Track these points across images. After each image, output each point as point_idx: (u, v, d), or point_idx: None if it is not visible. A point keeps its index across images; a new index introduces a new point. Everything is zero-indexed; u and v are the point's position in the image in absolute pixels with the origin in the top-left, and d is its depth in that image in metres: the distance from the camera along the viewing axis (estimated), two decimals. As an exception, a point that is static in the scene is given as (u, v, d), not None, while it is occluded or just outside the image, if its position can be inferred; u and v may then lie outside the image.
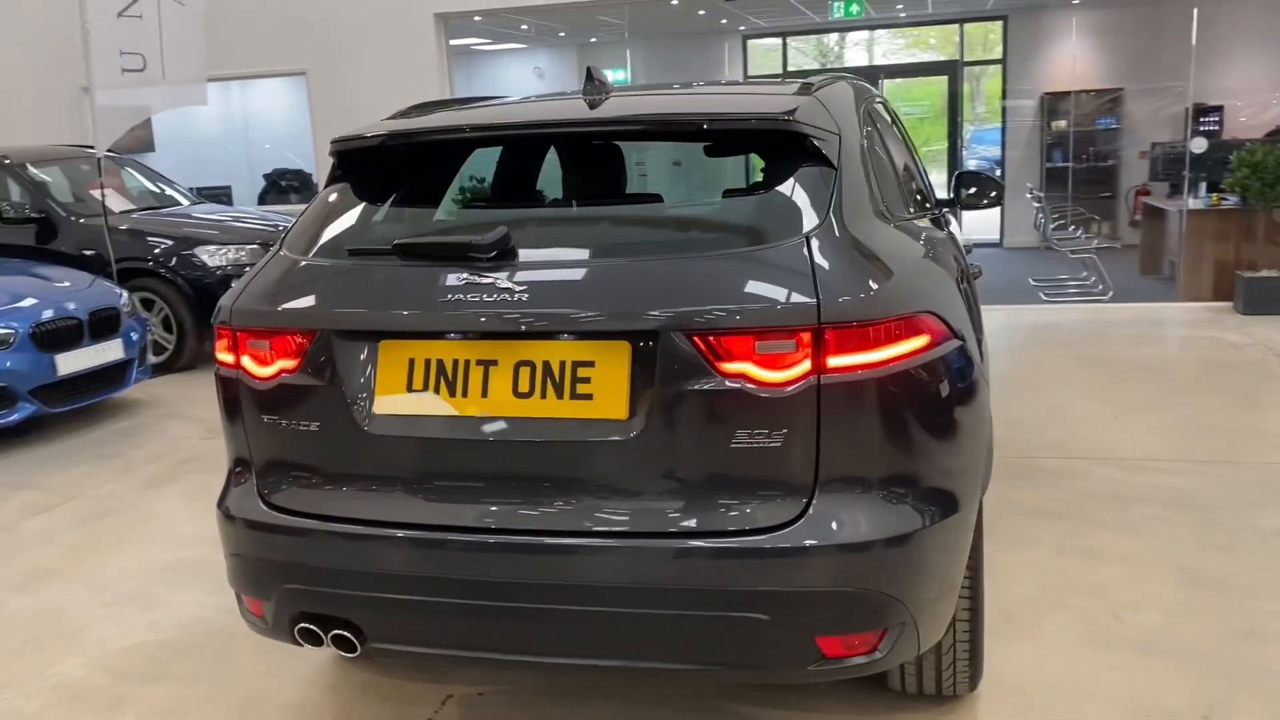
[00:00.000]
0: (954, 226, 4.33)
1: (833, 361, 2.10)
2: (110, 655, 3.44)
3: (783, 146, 2.40)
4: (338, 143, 2.60)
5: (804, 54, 15.39)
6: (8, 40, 11.08)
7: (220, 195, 12.32)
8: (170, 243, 8.13)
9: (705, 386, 2.11)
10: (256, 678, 3.22)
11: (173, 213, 8.95)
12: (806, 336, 2.09)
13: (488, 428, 2.21)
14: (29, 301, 6.25)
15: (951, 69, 13.75)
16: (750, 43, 14.15)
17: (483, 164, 2.72)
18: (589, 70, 2.73)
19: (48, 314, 6.16)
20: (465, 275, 2.21)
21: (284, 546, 2.39)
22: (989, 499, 4.37)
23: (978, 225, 13.94)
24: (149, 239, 8.21)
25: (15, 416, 5.91)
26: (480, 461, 2.25)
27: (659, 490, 2.17)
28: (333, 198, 2.63)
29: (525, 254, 2.25)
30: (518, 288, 2.18)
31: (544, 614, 2.20)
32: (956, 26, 13.79)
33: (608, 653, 2.24)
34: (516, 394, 2.19)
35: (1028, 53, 13.39)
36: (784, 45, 13.98)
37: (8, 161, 8.71)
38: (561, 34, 13.68)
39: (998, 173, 13.56)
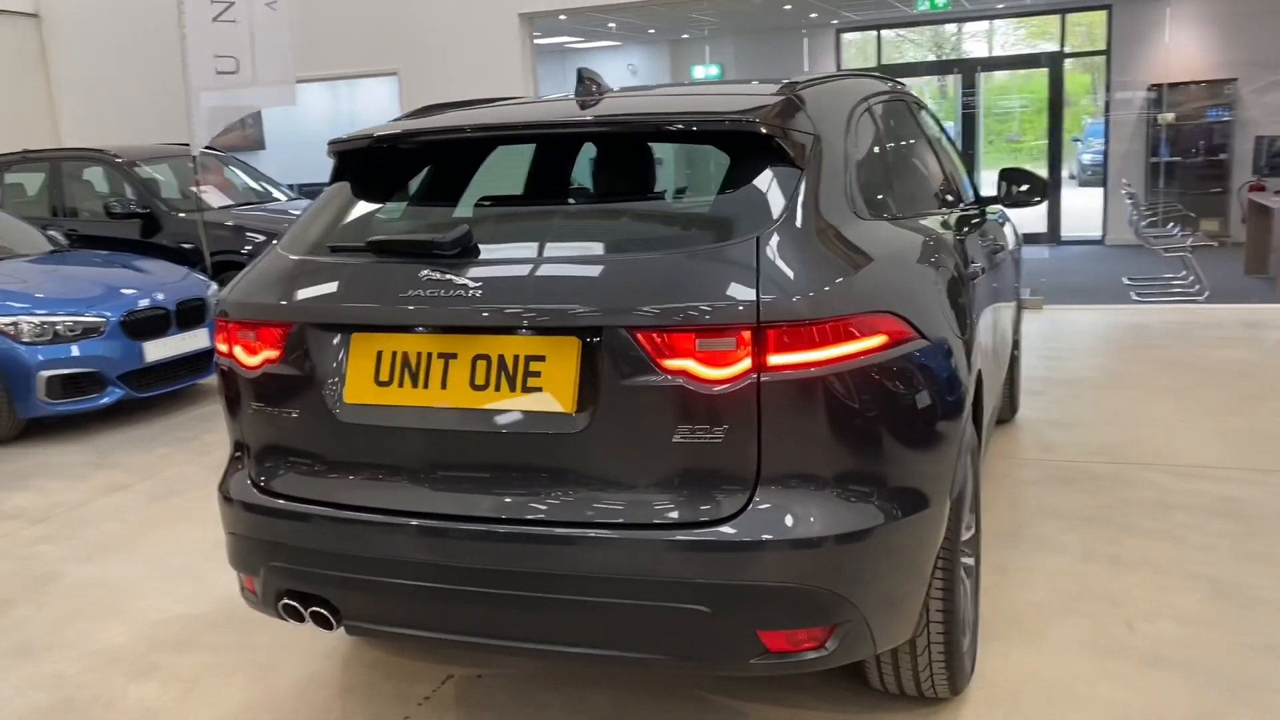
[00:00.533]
0: (990, 224, 4.27)
1: (773, 360, 2.13)
2: (151, 625, 3.67)
3: (750, 147, 2.43)
4: (334, 144, 2.74)
5: (899, 46, 15.17)
6: (125, 44, 11.72)
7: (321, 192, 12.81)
8: (264, 237, 8.50)
9: (648, 382, 2.16)
10: (276, 650, 3.39)
11: (270, 208, 9.36)
12: (747, 335, 2.12)
13: (447, 418, 2.31)
14: (121, 292, 6.65)
15: (1052, 61, 13.33)
16: (844, 36, 13.98)
17: (471, 164, 2.81)
18: (579, 72, 2.81)
19: (138, 304, 6.55)
20: (429, 272, 2.31)
21: (269, 527, 2.53)
22: (1019, 501, 4.33)
23: (1080, 222, 13.53)
24: (245, 233, 8.61)
25: (105, 400, 6.30)
26: (439, 451, 2.35)
27: (604, 482, 2.23)
28: (330, 196, 2.77)
29: (486, 251, 2.34)
30: (474, 284, 2.27)
31: (494, 598, 2.28)
32: (1057, 17, 13.36)
33: (553, 638, 2.32)
34: (473, 386, 2.28)
35: (1133, 43, 12.90)
36: (878, 38, 13.77)
37: (119, 160, 9.25)
38: (651, 31, 13.76)
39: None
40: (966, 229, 3.54)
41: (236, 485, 2.64)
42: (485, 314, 2.25)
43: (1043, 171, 13.47)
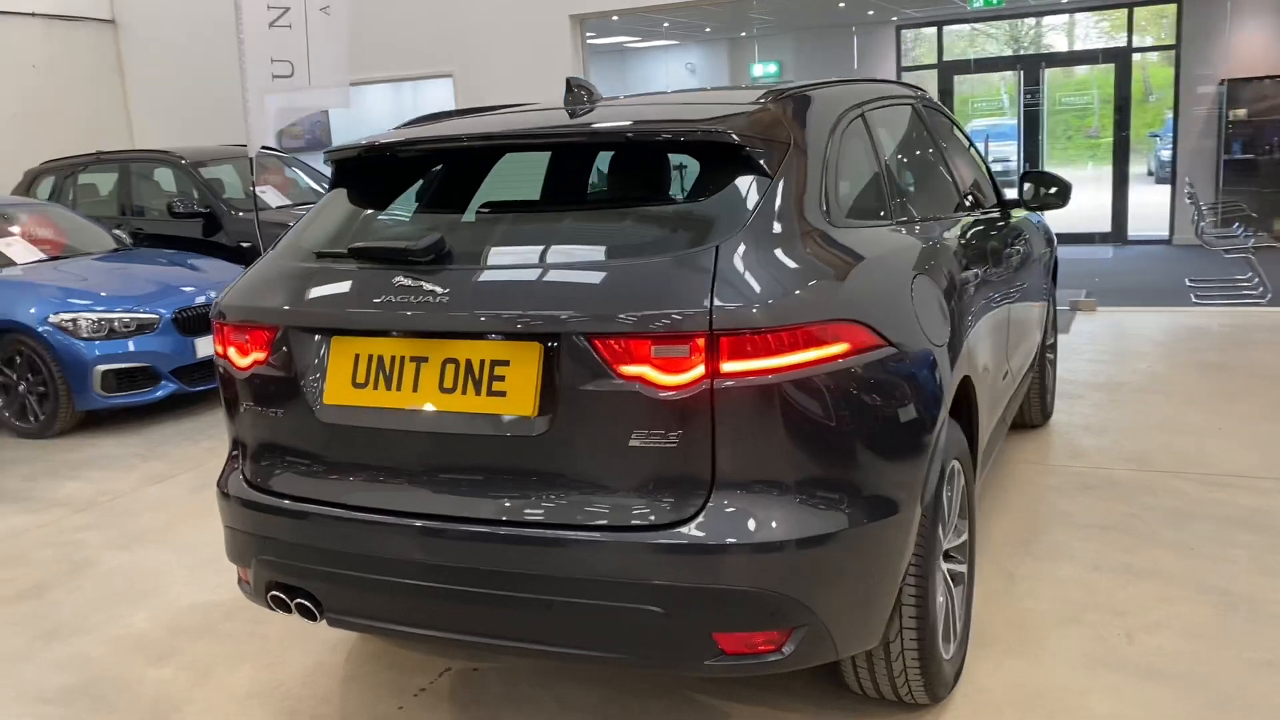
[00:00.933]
0: (1011, 227, 4.22)
1: (727, 367, 2.16)
2: (174, 612, 3.83)
3: (721, 156, 2.46)
4: (329, 153, 2.83)
5: (975, 41, 14.92)
6: (195, 48, 12.09)
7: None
8: (317, 236, 8.71)
9: (605, 388, 2.21)
10: (286, 639, 3.51)
11: (326, 208, 9.59)
12: (700, 342, 2.16)
13: (417, 419, 2.39)
14: (176, 289, 6.90)
15: (1119, 56, 13.01)
16: (904, 32, 13.82)
17: (454, 172, 2.89)
18: (568, 81, 2.87)
19: (192, 301, 6.78)
20: (403, 278, 2.39)
21: (259, 522, 2.64)
22: (1037, 507, 4.28)
23: (1150, 220, 13.19)
24: (300, 232, 8.84)
25: (158, 394, 6.55)
26: (410, 451, 2.43)
27: (563, 484, 2.29)
28: (326, 203, 2.87)
29: (458, 258, 2.42)
30: (444, 290, 2.34)
31: (459, 595, 2.35)
32: (1124, 11, 13.04)
33: (514, 635, 2.38)
34: (442, 389, 2.36)
35: (1205, 37, 12.53)
36: (939, 34, 13.59)
37: (184, 161, 9.57)
38: (708, 30, 13.76)
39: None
40: (969, 234, 3.51)
41: (232, 482, 2.75)
42: (453, 319, 2.32)
43: (1108, 168, 13.19)
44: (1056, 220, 13.90)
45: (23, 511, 5.10)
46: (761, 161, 2.45)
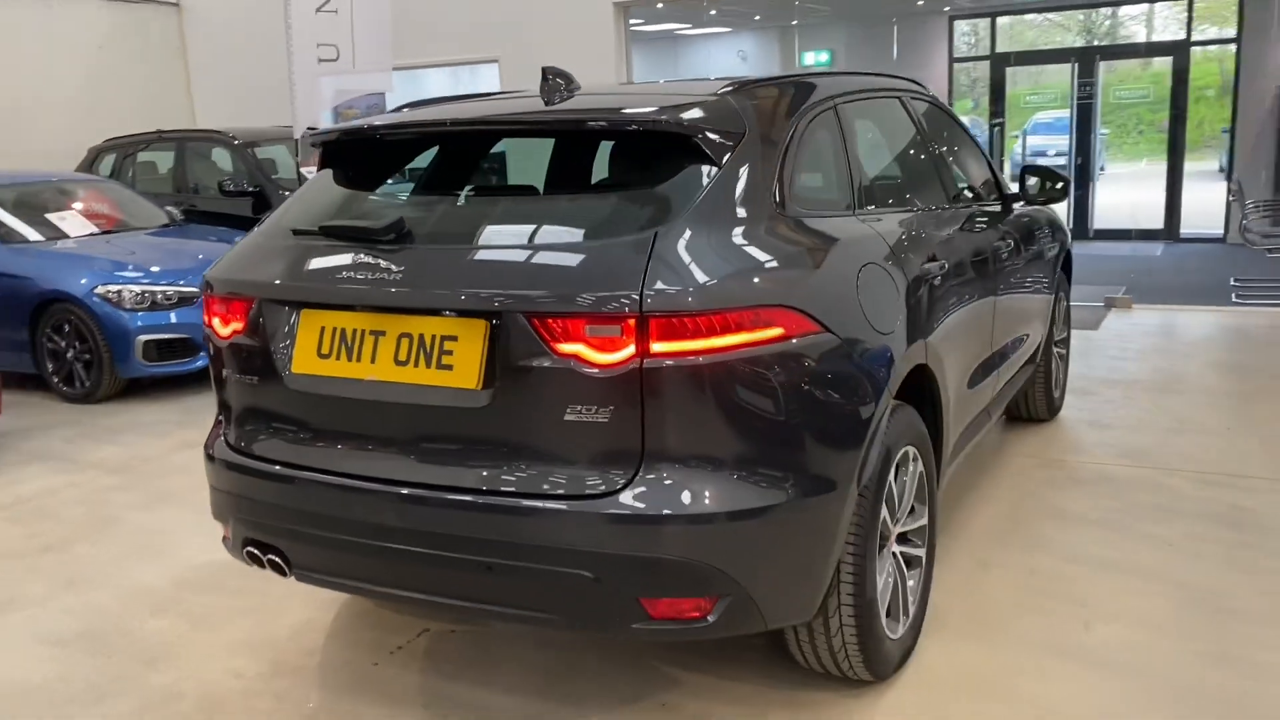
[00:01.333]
0: (1008, 221, 4.26)
1: (656, 347, 2.28)
2: (184, 568, 4.05)
3: (670, 145, 2.58)
4: (314, 136, 3.00)
5: (1047, 32, 14.70)
6: (254, 31, 12.43)
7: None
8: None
9: (543, 364, 2.35)
10: (282, 596, 3.71)
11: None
12: (631, 324, 2.28)
13: (374, 390, 2.55)
14: (216, 265, 7.16)
15: (1177, 50, 12.75)
16: (957, 22, 13.69)
17: (425, 156, 3.04)
18: (544, 71, 3.00)
19: (231, 276, 7.04)
20: (365, 256, 2.55)
21: (236, 482, 2.82)
22: (1026, 500, 4.32)
23: (1204, 219, 12.93)
24: (343, 211, 9.10)
25: (197, 364, 6.82)
26: (367, 419, 2.59)
27: (503, 453, 2.43)
28: (311, 184, 3.04)
29: (416, 238, 2.57)
30: (399, 268, 2.49)
31: (408, 555, 2.51)
32: (1184, 2, 12.76)
33: (458, 594, 2.53)
34: (397, 361, 2.51)
35: (1266, 31, 12.21)
36: (993, 25, 13.44)
37: (236, 142, 9.89)
38: (757, 18, 13.76)
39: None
40: (947, 226, 3.57)
41: (216, 445, 2.94)
42: (407, 296, 2.47)
43: (1163, 162, 12.95)
44: (1104, 215, 13.66)
45: (60, 471, 5.40)
46: (709, 151, 2.56)
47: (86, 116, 11.84)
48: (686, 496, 2.34)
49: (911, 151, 3.79)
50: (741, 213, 2.55)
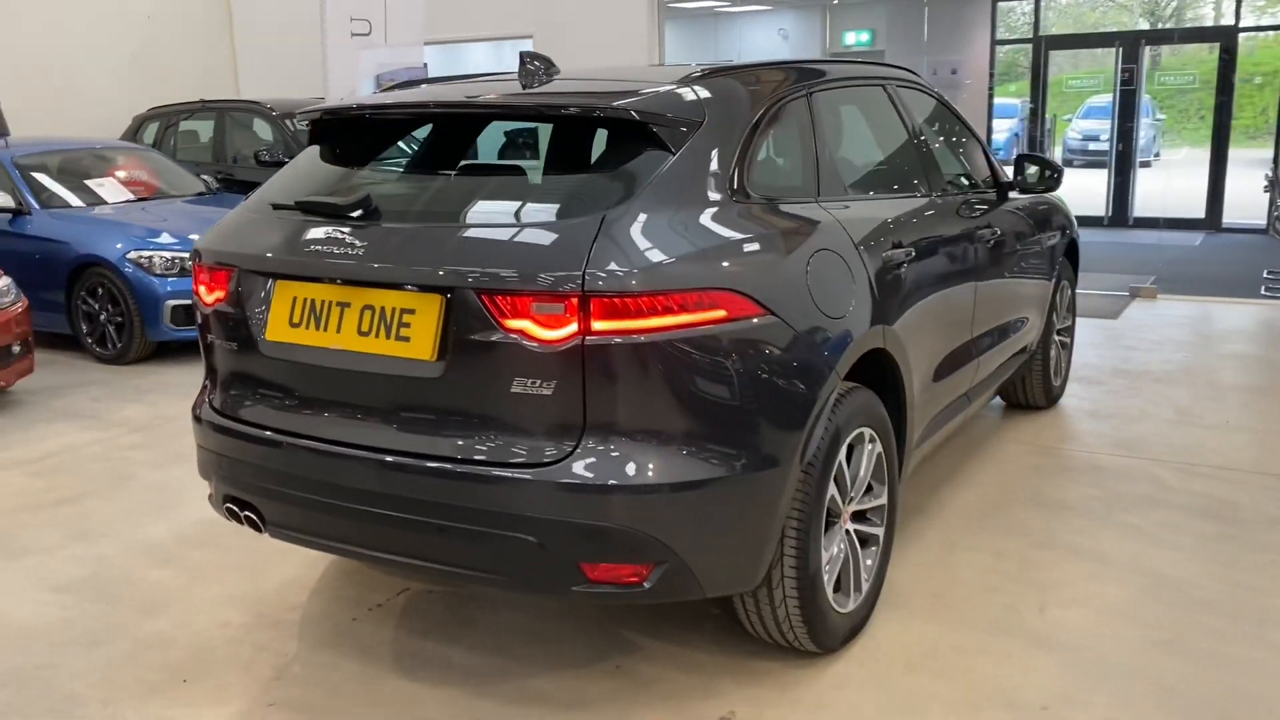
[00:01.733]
0: (997, 211, 4.29)
1: (598, 326, 2.39)
2: (187, 525, 4.25)
3: (626, 131, 2.68)
4: (300, 115, 3.13)
5: (1111, 14, 14.38)
6: (297, 2, 12.62)
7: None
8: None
9: (492, 338, 2.46)
10: (274, 554, 3.87)
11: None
12: (574, 302, 2.39)
13: (338, 358, 2.68)
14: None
15: (1225, 35, 12.49)
16: (1000, 4, 13.50)
17: (401, 136, 3.16)
18: (521, 55, 3.10)
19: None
20: (334, 231, 2.68)
21: (218, 442, 2.98)
22: (1010, 486, 4.37)
23: (1249, 210, 12.70)
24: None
25: (223, 330, 7.04)
26: (332, 385, 2.73)
27: (455, 422, 2.56)
28: (297, 160, 3.18)
29: (382, 215, 2.69)
30: (363, 243, 2.62)
31: (368, 515, 2.65)
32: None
33: (414, 553, 2.66)
34: (360, 332, 2.64)
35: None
36: (1036, 7, 13.25)
37: (274, 113, 10.11)
38: (796, -4, 13.69)
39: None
40: (922, 213, 3.62)
41: (201, 406, 3.11)
42: (370, 270, 2.60)
43: (1206, 152, 12.72)
44: (1144, 203, 13.42)
45: (85, 429, 5.64)
46: (664, 138, 2.65)
47: (135, 85, 12.12)
48: (625, 468, 2.45)
49: (891, 139, 3.84)
50: (692, 198, 2.64)
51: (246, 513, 2.93)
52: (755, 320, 2.58)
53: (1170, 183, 14.93)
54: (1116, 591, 3.48)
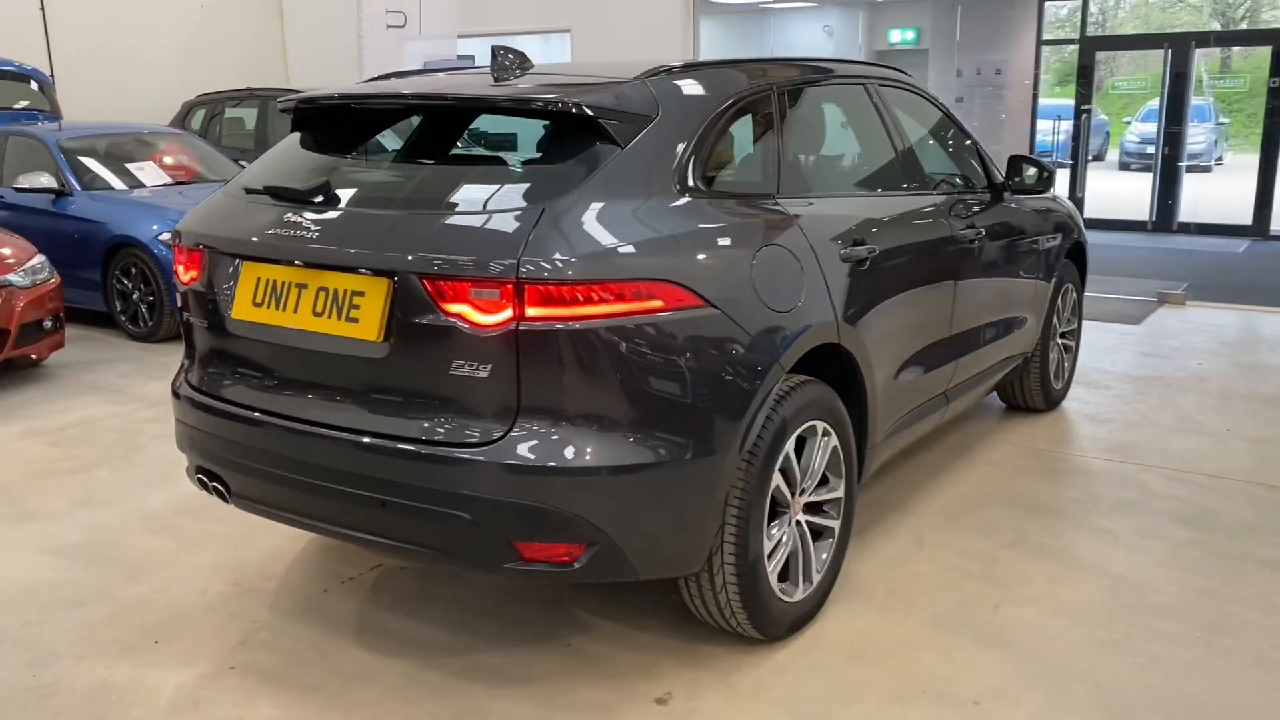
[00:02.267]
0: (986, 210, 4.30)
1: (531, 312, 2.48)
2: (185, 497, 4.42)
3: (577, 126, 2.76)
4: (280, 104, 3.26)
5: (1174, 14, 14.08)
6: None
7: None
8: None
9: (434, 322, 2.56)
10: (262, 527, 3.99)
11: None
12: (510, 289, 2.48)
13: (294, 337, 2.80)
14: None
15: (1277, 39, 12.21)
16: (1047, 5, 13.32)
17: (369, 125, 3.27)
18: (493, 50, 3.20)
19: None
20: (293, 215, 2.80)
21: (191, 415, 3.13)
22: (990, 487, 4.38)
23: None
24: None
25: (249, 311, 7.26)
26: (288, 363, 2.85)
27: (398, 401, 2.67)
28: (277, 146, 3.31)
29: (340, 201, 2.81)
30: (318, 227, 2.74)
31: (317, 489, 2.77)
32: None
33: (358, 527, 2.78)
34: (314, 313, 2.76)
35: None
36: (1084, 7, 13.05)
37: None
38: (838, -7, 13.63)
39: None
40: (887, 211, 3.64)
41: (179, 381, 3.26)
42: (324, 253, 2.72)
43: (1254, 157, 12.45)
44: (1193, 208, 13.15)
45: (107, 403, 5.87)
46: (614, 133, 2.73)
47: (187, 72, 12.48)
48: (556, 451, 2.54)
49: (868, 139, 3.87)
50: (637, 190, 2.72)
51: (215, 484, 3.07)
52: (693, 311, 2.65)
53: (1225, 189, 14.61)
54: (1074, 592, 3.49)
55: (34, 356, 6.36)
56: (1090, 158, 15.49)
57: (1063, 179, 13.45)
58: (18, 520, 4.20)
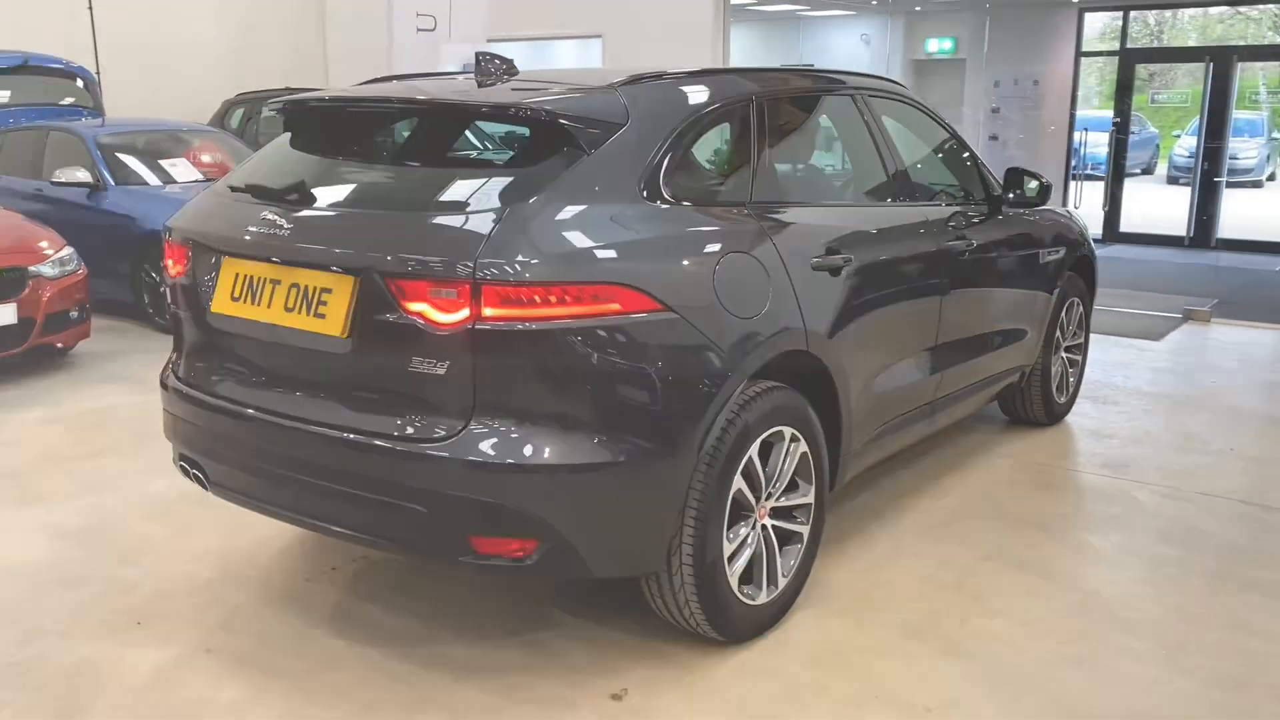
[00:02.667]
0: (979, 224, 4.30)
1: (488, 312, 2.55)
2: (186, 485, 4.48)
3: (546, 132, 2.83)
4: (270, 106, 3.37)
5: (1234, 26, 13.88)
6: None
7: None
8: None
9: (396, 319, 2.64)
10: (256, 516, 4.12)
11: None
12: (466, 289, 2.55)
13: (267, 331, 2.90)
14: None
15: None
16: (1086, 15, 13.19)
17: (353, 128, 3.36)
18: (477, 56, 3.28)
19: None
20: (269, 213, 2.90)
21: (174, 405, 3.24)
22: (980, 499, 4.38)
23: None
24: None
25: (271, 307, 7.42)
26: (261, 356, 2.96)
27: (360, 396, 2.75)
28: (267, 146, 3.42)
29: (315, 201, 2.90)
30: (290, 226, 2.83)
31: (284, 479, 2.87)
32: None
33: (316, 516, 2.87)
34: (286, 308, 2.85)
35: None
36: (1125, 20, 12.90)
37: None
38: (874, 1, 13.60)
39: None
40: (865, 221, 3.66)
41: (166, 373, 3.37)
42: (295, 250, 2.81)
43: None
44: (1235, 224, 12.99)
45: (127, 392, 6.04)
46: (581, 139, 2.80)
47: (230, 70, 12.73)
48: (510, 448, 2.61)
49: (853, 150, 3.90)
50: (601, 196, 2.78)
51: (195, 472, 3.18)
52: (651, 315, 2.70)
53: (1276, 206, 14.37)
54: (1045, 606, 3.49)
55: (60, 345, 6.55)
56: (1138, 171, 15.28)
57: (1094, 192, 13.31)
58: (24, 502, 4.35)
